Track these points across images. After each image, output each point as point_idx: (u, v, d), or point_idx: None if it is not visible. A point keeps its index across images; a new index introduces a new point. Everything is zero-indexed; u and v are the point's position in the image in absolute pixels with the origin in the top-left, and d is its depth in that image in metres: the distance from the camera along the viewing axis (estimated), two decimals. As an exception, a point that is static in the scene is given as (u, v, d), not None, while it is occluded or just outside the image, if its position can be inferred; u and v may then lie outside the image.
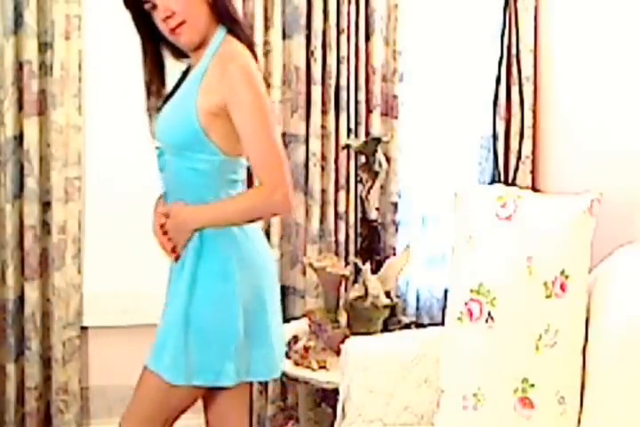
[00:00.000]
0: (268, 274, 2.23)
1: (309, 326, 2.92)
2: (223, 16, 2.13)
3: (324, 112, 3.27)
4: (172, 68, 2.28)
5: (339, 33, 3.24)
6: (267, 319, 2.21)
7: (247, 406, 2.37)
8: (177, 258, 2.19)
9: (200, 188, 2.13)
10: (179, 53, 2.22)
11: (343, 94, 3.27)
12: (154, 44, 2.21)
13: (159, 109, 2.19)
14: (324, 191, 3.31)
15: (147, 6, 2.10)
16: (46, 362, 3.24)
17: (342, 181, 3.31)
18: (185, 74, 2.22)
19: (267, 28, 3.22)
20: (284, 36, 3.24)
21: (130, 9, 2.16)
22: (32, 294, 3.16)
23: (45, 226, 3.19)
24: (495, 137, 3.34)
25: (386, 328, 2.89)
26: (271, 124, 2.09)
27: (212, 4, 2.11)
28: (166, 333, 2.16)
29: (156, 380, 2.18)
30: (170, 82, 2.26)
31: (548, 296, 2.13)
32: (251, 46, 2.18)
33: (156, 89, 2.23)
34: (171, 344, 2.14)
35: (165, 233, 2.19)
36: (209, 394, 2.27)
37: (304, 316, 3.09)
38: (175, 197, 2.18)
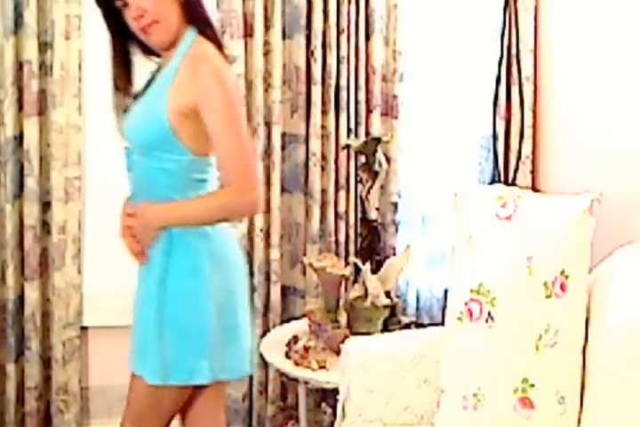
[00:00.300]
0: (239, 269, 2.22)
1: (309, 326, 2.92)
2: (194, 17, 2.13)
3: (324, 112, 3.27)
4: (143, 67, 2.26)
5: (339, 33, 3.24)
6: (239, 315, 2.19)
7: (223, 406, 2.35)
8: (143, 261, 2.21)
9: (168, 188, 2.12)
10: (148, 51, 2.21)
11: (343, 94, 3.27)
12: (123, 41, 2.19)
13: (126, 108, 2.19)
14: (323, 191, 3.31)
15: (118, 4, 2.09)
16: (46, 362, 3.24)
17: (342, 181, 3.32)
18: (154, 74, 2.21)
19: (267, 28, 3.22)
20: (284, 36, 3.24)
21: (100, 6, 2.16)
22: (32, 294, 3.16)
23: (45, 226, 3.20)
24: (495, 137, 3.34)
25: (386, 328, 2.89)
26: (242, 125, 2.09)
27: (183, 4, 2.11)
28: (141, 334, 2.18)
29: (142, 383, 2.20)
30: (139, 82, 2.25)
31: (548, 296, 2.13)
32: (221, 48, 2.17)
33: (124, 86, 2.22)
34: (146, 345, 2.15)
35: (133, 235, 2.19)
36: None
37: (304, 316, 3.09)
38: (143, 197, 2.16)
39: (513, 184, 3.22)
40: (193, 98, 2.04)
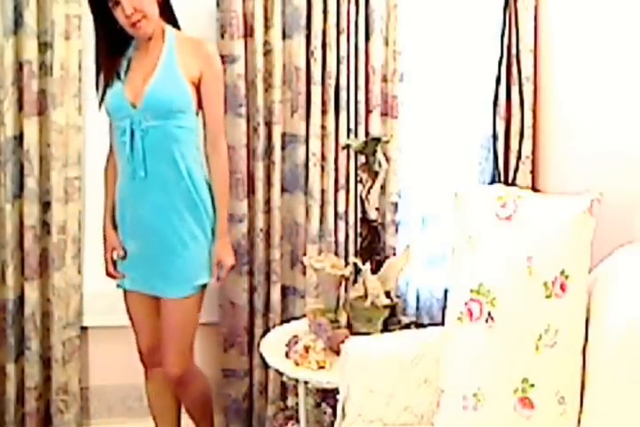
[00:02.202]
0: None
1: (309, 326, 2.92)
2: (169, 14, 2.75)
3: (324, 112, 3.27)
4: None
5: (338, 33, 3.24)
6: None
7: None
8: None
9: (182, 143, 2.67)
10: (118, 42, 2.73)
11: (343, 94, 3.27)
12: (107, 32, 2.70)
13: (107, 86, 2.70)
14: (323, 191, 3.31)
15: (110, 4, 2.60)
16: (46, 362, 3.25)
17: (342, 181, 3.32)
18: (130, 59, 2.73)
19: (267, 28, 3.22)
20: (284, 36, 3.24)
21: (92, 5, 2.67)
22: (32, 294, 3.16)
23: (45, 226, 3.20)
24: (495, 137, 3.34)
25: (386, 328, 2.89)
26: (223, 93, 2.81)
27: (161, 3, 2.68)
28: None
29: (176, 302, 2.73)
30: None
31: (548, 296, 2.13)
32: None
33: (112, 71, 2.71)
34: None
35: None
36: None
37: (304, 316, 3.10)
38: (157, 158, 2.66)
39: (513, 184, 3.22)
40: (200, 69, 2.68)
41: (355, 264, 3.00)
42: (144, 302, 2.81)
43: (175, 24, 2.77)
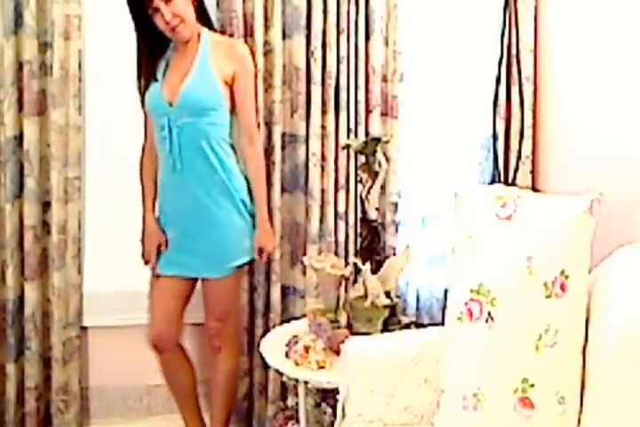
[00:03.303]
0: None
1: (309, 326, 2.92)
2: (204, 16, 2.91)
3: (324, 112, 3.27)
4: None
5: (338, 33, 3.24)
6: None
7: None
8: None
9: (214, 138, 2.86)
10: (157, 48, 2.92)
11: (343, 94, 3.27)
12: (146, 37, 2.87)
13: (147, 87, 2.88)
14: (323, 191, 3.31)
15: (150, 11, 2.77)
16: (46, 362, 3.25)
17: (342, 181, 3.32)
18: (168, 61, 2.91)
19: (267, 28, 3.22)
20: (284, 36, 3.24)
21: (133, 13, 2.82)
22: (32, 294, 3.16)
23: (45, 226, 3.20)
24: (495, 137, 3.34)
25: (386, 328, 2.89)
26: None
27: (196, 8, 2.85)
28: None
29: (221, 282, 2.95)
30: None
31: (547, 296, 2.13)
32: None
33: (150, 72, 2.89)
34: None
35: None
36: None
37: (304, 316, 3.10)
38: (191, 152, 2.85)
39: (513, 184, 3.22)
40: (233, 69, 2.85)
41: (355, 264, 3.00)
42: (177, 285, 2.95)
43: (210, 26, 2.95)
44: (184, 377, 3.07)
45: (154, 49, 2.90)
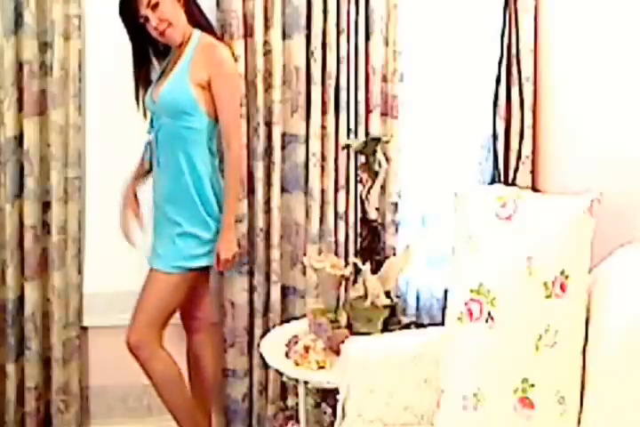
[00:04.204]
0: None
1: (309, 326, 2.92)
2: (195, 19, 2.94)
3: (324, 112, 3.27)
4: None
5: (338, 33, 3.24)
6: None
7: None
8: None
9: (190, 142, 2.88)
10: (158, 54, 3.04)
11: (343, 94, 3.27)
12: (142, 47, 2.99)
13: (145, 92, 2.99)
14: (323, 191, 3.31)
15: (141, 20, 2.86)
16: (46, 362, 3.24)
17: (342, 181, 3.32)
18: (166, 64, 2.99)
19: (267, 28, 3.22)
20: (284, 36, 3.24)
21: (126, 25, 2.90)
22: (32, 294, 3.16)
23: (45, 226, 3.20)
24: (495, 137, 3.34)
25: (386, 328, 2.89)
26: (238, 95, 3.05)
27: (186, 11, 2.91)
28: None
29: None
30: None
31: (548, 296, 2.13)
32: (219, 39, 3.06)
33: (144, 78, 3.02)
34: None
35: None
36: None
37: (304, 316, 3.10)
38: (166, 150, 2.91)
39: (513, 184, 3.22)
40: (209, 73, 2.86)
41: (355, 264, 3.00)
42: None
43: (205, 28, 2.97)
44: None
45: (150, 56, 3.02)
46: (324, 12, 3.22)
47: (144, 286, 2.96)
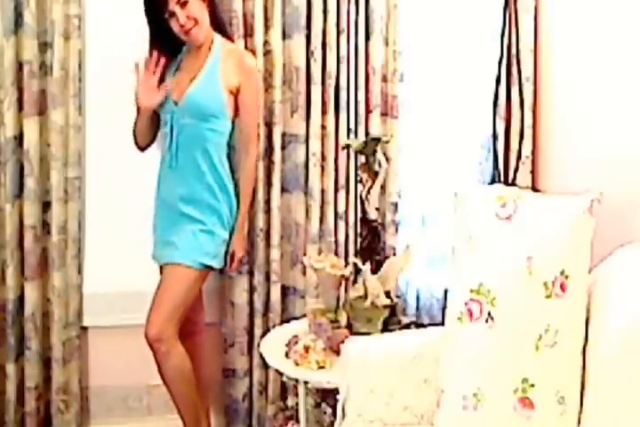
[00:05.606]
0: None
1: (309, 326, 2.92)
2: (217, 21, 2.98)
3: (324, 112, 3.27)
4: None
5: (338, 33, 3.24)
6: None
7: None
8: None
9: (211, 143, 2.94)
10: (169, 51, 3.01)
11: (343, 94, 3.27)
12: (160, 39, 2.96)
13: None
14: (323, 191, 3.31)
15: (167, 14, 2.86)
16: (46, 362, 3.24)
17: (342, 181, 3.32)
18: (179, 63, 3.01)
19: (267, 28, 3.22)
20: (284, 36, 3.24)
21: (149, 17, 2.89)
22: (32, 294, 3.16)
23: (45, 226, 3.19)
24: (495, 137, 3.34)
25: (386, 328, 2.89)
26: (260, 103, 3.13)
27: (211, 12, 2.93)
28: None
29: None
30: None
31: (547, 296, 2.13)
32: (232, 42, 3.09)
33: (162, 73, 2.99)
34: None
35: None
36: None
37: (304, 316, 3.09)
38: (185, 152, 2.94)
39: (513, 184, 3.22)
40: (239, 80, 2.94)
41: (355, 264, 3.00)
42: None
43: (224, 32, 3.02)
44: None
45: (165, 51, 2.98)
46: (324, 12, 3.22)
47: (162, 281, 2.96)
